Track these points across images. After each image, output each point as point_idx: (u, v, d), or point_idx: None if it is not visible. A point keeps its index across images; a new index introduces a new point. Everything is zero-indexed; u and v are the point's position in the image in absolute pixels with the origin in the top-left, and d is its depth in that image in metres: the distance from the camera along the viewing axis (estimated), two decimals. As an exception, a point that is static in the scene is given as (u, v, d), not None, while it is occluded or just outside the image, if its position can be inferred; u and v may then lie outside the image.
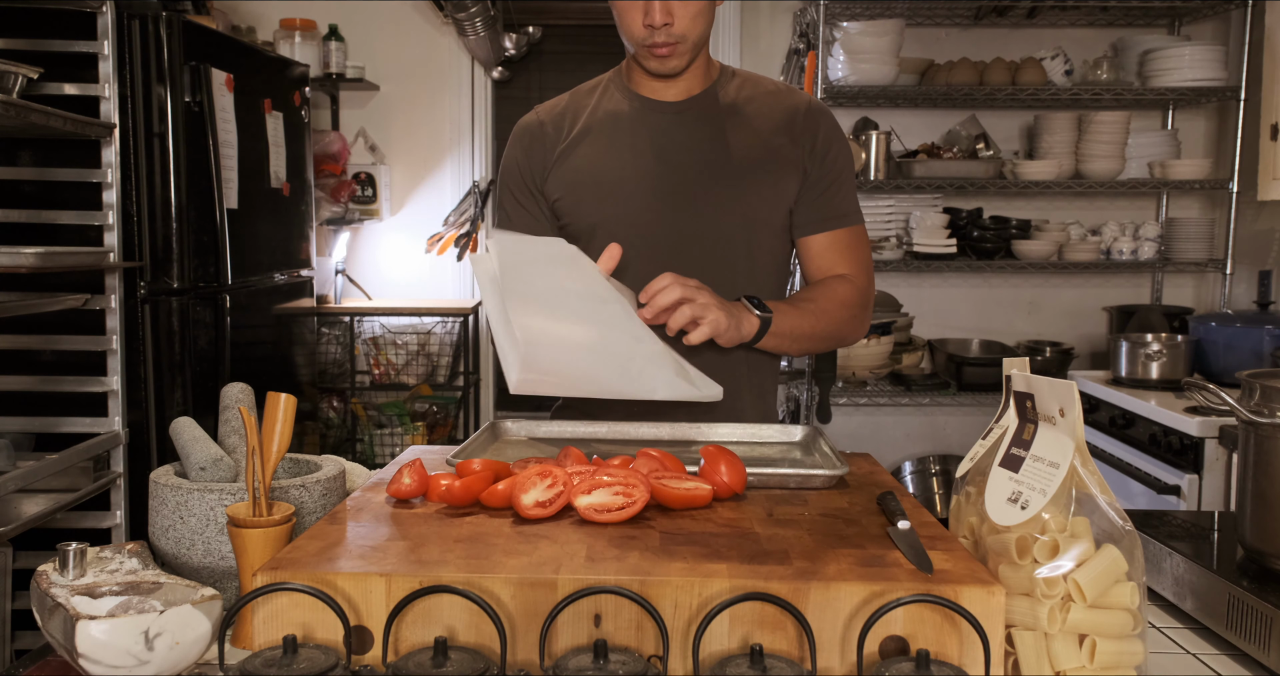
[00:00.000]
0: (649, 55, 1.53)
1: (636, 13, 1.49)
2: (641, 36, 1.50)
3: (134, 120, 2.61)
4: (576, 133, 1.61)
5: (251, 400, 1.17)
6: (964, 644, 0.84)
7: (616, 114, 1.61)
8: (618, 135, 1.60)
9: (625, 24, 1.52)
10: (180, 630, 0.83)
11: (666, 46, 1.50)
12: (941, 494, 3.82)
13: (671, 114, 1.61)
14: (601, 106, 1.63)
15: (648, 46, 1.51)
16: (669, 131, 1.60)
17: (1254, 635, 1.02)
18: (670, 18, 1.47)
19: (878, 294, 3.91)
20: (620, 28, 1.54)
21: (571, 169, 1.60)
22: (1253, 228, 3.61)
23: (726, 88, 1.63)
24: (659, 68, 1.54)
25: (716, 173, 1.58)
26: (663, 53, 1.51)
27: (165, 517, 1.05)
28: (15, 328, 2.52)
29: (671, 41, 1.50)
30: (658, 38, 1.49)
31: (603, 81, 1.68)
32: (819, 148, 1.61)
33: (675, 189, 1.57)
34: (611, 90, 1.65)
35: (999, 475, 0.94)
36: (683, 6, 1.48)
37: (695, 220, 1.58)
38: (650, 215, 1.58)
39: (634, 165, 1.58)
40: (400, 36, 4.06)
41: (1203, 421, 2.58)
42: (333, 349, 4.02)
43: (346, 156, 4.00)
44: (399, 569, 0.87)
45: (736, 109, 1.61)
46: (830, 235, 1.62)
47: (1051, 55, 3.65)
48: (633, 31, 1.51)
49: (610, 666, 0.78)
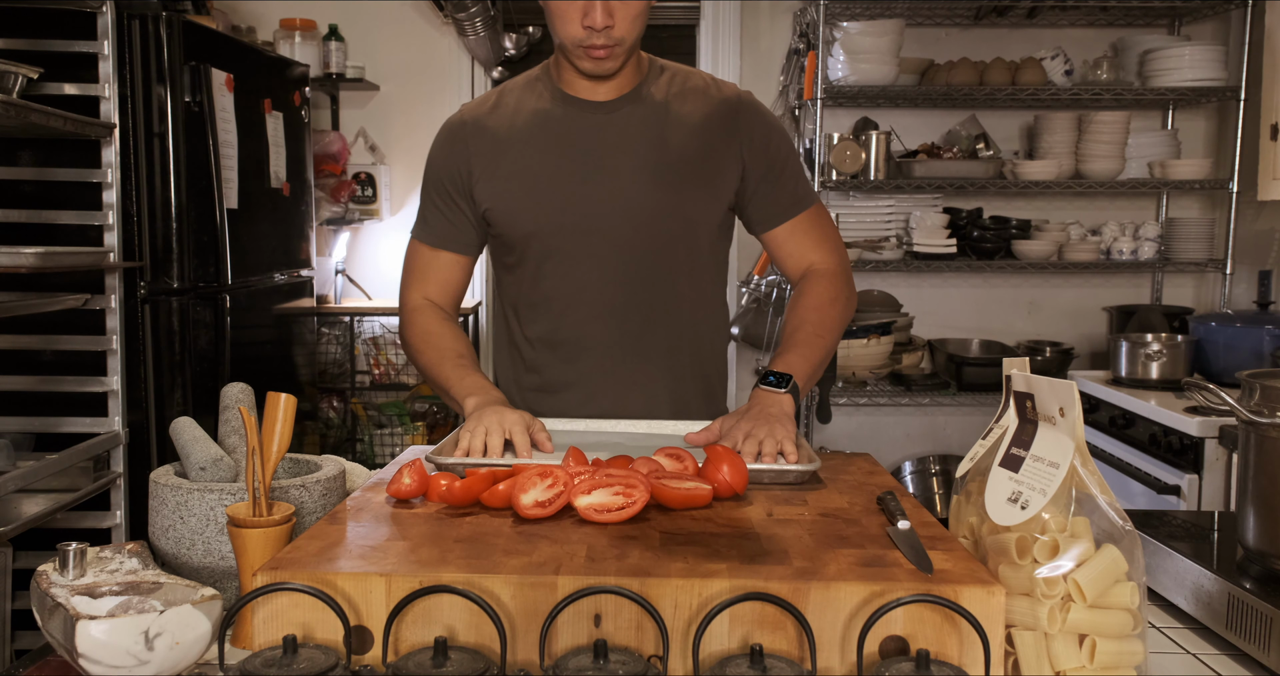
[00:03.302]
0: (585, 56, 1.48)
1: (575, 13, 1.44)
2: (579, 37, 1.45)
3: (134, 120, 2.61)
4: (504, 135, 1.56)
5: (251, 400, 1.17)
6: (964, 644, 0.84)
7: (546, 115, 1.56)
8: (547, 138, 1.55)
9: (561, 23, 1.46)
10: (180, 630, 0.83)
11: (604, 48, 1.46)
12: (941, 494, 3.82)
13: (602, 114, 1.56)
14: (529, 106, 1.58)
15: (585, 47, 1.46)
16: (600, 133, 1.55)
17: (1254, 635, 1.02)
18: (611, 19, 1.43)
19: (878, 294, 3.94)
20: (554, 27, 1.48)
21: (502, 176, 1.55)
22: (1253, 228, 3.61)
23: (657, 83, 1.58)
24: (594, 69, 1.50)
25: (651, 174, 1.54)
26: (600, 55, 1.47)
27: (165, 517, 1.05)
28: (15, 328, 2.52)
29: (610, 43, 1.45)
30: (596, 40, 1.45)
31: (530, 78, 1.62)
32: (757, 141, 1.58)
33: (610, 193, 1.54)
34: (540, 89, 1.59)
35: (999, 475, 0.94)
36: (624, 7, 1.44)
37: (632, 224, 1.55)
38: (586, 222, 1.54)
39: (566, 170, 1.54)
40: (400, 36, 4.06)
41: (1203, 421, 2.58)
42: (333, 349, 4.02)
43: (346, 156, 4.00)
44: (399, 569, 0.87)
45: (668, 106, 1.57)
46: (792, 224, 1.62)
47: (1051, 55, 3.65)
48: (569, 31, 1.46)
49: (610, 666, 0.78)
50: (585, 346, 1.59)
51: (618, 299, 1.57)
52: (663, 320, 1.59)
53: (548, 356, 1.61)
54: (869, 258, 3.64)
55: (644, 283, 1.57)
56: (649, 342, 1.59)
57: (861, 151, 3.53)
